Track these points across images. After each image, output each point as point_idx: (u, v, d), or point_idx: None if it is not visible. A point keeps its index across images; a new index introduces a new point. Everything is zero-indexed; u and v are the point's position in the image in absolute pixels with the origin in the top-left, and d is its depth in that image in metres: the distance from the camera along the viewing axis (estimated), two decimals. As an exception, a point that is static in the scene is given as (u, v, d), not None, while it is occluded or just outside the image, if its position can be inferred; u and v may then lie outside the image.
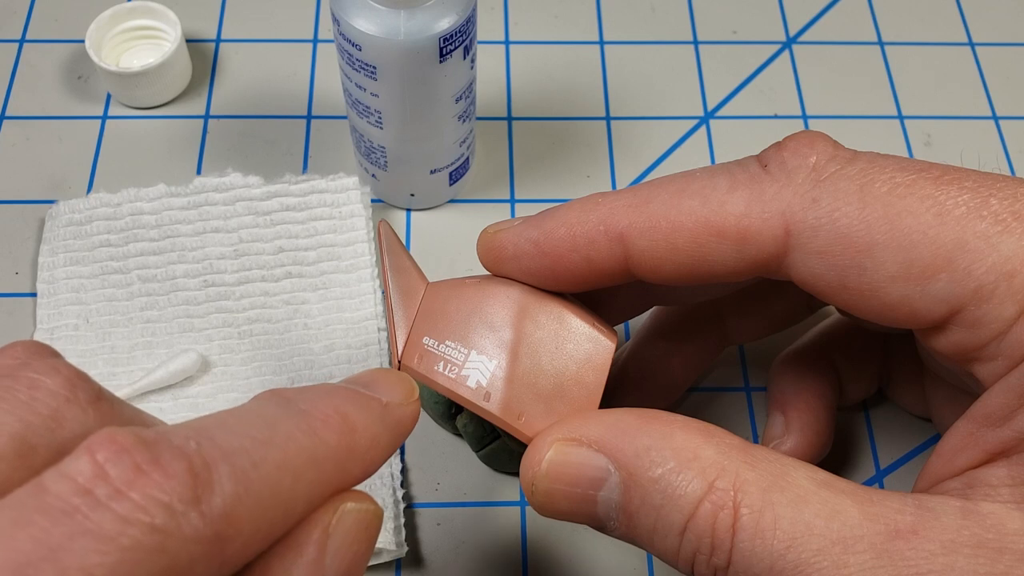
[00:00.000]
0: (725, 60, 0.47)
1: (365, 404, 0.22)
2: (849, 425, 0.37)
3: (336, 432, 0.20)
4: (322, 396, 0.21)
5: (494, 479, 0.36)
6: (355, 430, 0.21)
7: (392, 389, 0.23)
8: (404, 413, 0.23)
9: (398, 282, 0.28)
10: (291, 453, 0.19)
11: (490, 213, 0.42)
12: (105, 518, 0.16)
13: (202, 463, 0.17)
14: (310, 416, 0.20)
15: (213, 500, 0.17)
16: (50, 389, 0.19)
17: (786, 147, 0.26)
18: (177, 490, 0.17)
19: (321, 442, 0.20)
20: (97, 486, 0.16)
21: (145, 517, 0.16)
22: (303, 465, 0.19)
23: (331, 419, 0.20)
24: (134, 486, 0.16)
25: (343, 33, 0.34)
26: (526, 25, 0.48)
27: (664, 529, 0.23)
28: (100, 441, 0.17)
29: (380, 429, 0.21)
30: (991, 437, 0.24)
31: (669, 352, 0.35)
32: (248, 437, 0.19)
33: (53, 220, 0.39)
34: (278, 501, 0.19)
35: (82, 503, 0.16)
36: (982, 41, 0.48)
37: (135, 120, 0.44)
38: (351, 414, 0.21)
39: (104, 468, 0.17)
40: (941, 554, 0.22)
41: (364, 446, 0.21)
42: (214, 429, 0.18)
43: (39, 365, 0.19)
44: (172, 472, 0.17)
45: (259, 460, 0.18)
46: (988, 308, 0.23)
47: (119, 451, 0.17)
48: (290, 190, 0.40)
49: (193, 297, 0.38)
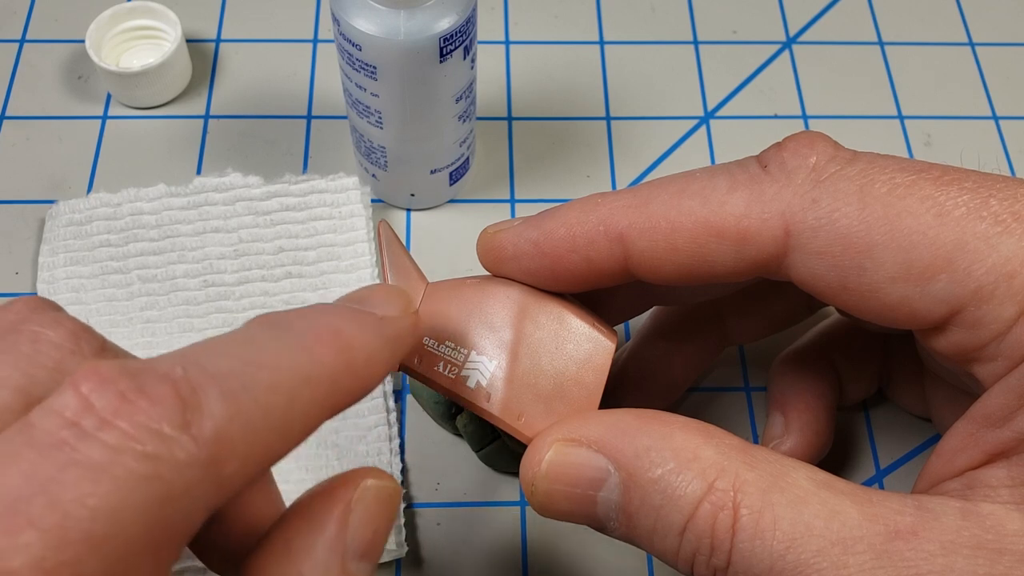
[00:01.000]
0: (725, 60, 0.47)
1: (360, 319, 0.21)
2: (849, 425, 0.37)
3: (330, 349, 0.20)
4: (315, 315, 0.21)
5: (494, 479, 0.36)
6: (351, 346, 0.20)
7: (387, 303, 0.22)
8: (401, 326, 0.22)
9: (398, 282, 0.28)
10: (283, 372, 0.19)
11: (490, 213, 0.42)
12: (94, 448, 0.16)
13: (189, 387, 0.17)
14: (302, 334, 0.20)
15: (204, 422, 0.17)
16: (53, 341, 0.19)
17: (786, 147, 0.26)
18: (165, 415, 0.17)
19: (315, 360, 0.19)
20: (83, 418, 0.16)
21: (135, 444, 0.16)
22: (297, 384, 0.19)
23: (324, 335, 0.20)
24: (120, 414, 0.16)
25: (343, 33, 0.34)
26: (526, 25, 0.48)
27: (664, 529, 0.23)
28: (84, 374, 0.17)
29: (378, 343, 0.21)
30: (991, 438, 0.24)
31: (669, 352, 0.35)
32: (237, 359, 0.18)
33: (53, 220, 0.39)
34: (272, 421, 0.18)
35: (69, 435, 0.16)
36: (982, 41, 0.48)
37: (135, 120, 0.44)
38: (345, 329, 0.20)
39: (89, 399, 0.16)
40: (940, 555, 0.22)
41: (361, 362, 0.20)
42: (201, 354, 0.18)
43: (41, 318, 0.19)
44: (158, 398, 0.17)
45: (249, 381, 0.18)
46: (988, 309, 0.23)
47: (103, 381, 0.17)
48: (290, 190, 0.40)
49: (193, 297, 0.38)
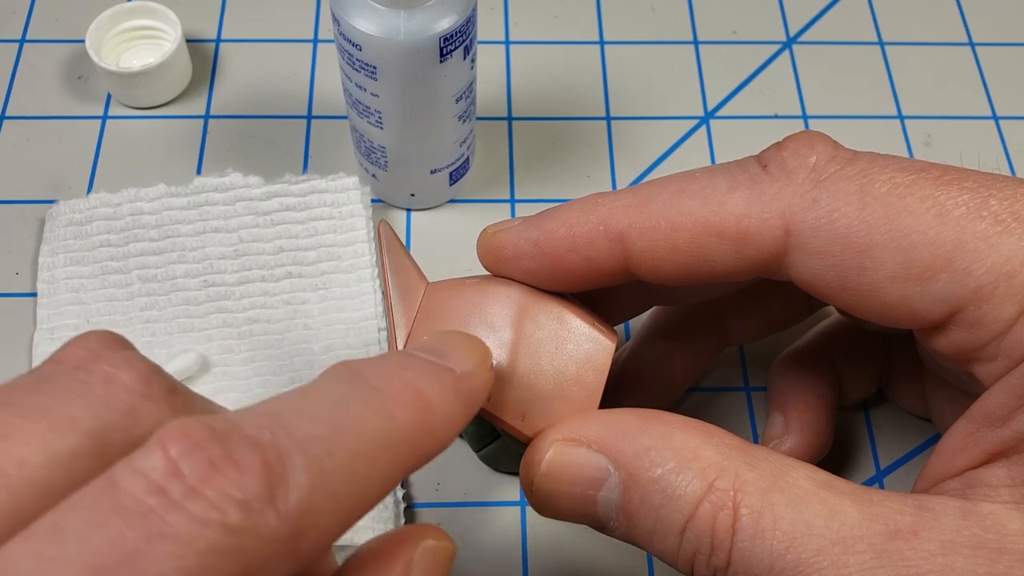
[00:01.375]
0: (725, 60, 0.47)
1: (439, 376, 0.21)
2: (849, 425, 0.37)
3: (410, 410, 0.19)
4: (395, 369, 0.20)
5: (494, 479, 0.36)
6: (430, 407, 0.20)
7: (466, 357, 0.22)
8: (477, 383, 0.22)
9: (398, 282, 0.28)
10: (365, 437, 0.18)
11: (490, 213, 0.42)
12: (180, 519, 0.15)
13: (276, 455, 0.17)
14: (382, 394, 0.19)
15: (289, 495, 0.16)
16: (126, 384, 0.18)
17: (786, 147, 0.26)
18: (252, 486, 0.16)
19: (395, 423, 0.19)
20: (171, 484, 0.16)
21: (221, 517, 0.16)
22: (377, 449, 0.18)
23: (404, 396, 0.19)
24: (208, 483, 0.16)
25: (343, 33, 0.34)
26: (526, 25, 0.48)
27: (664, 529, 0.23)
28: (172, 435, 0.16)
29: (454, 402, 0.20)
30: (991, 437, 0.24)
31: (669, 352, 0.35)
32: (321, 422, 0.18)
33: (53, 220, 0.39)
34: (354, 489, 0.18)
35: (156, 503, 0.16)
36: (982, 41, 0.48)
37: (135, 120, 0.44)
38: (425, 389, 0.20)
39: (177, 464, 0.16)
40: (940, 554, 0.22)
41: (439, 422, 0.20)
42: (286, 414, 0.18)
43: (113, 358, 0.19)
44: (246, 467, 0.16)
45: (333, 448, 0.18)
46: (988, 308, 0.23)
47: (192, 445, 0.16)
48: (290, 190, 0.40)
49: (193, 297, 0.38)
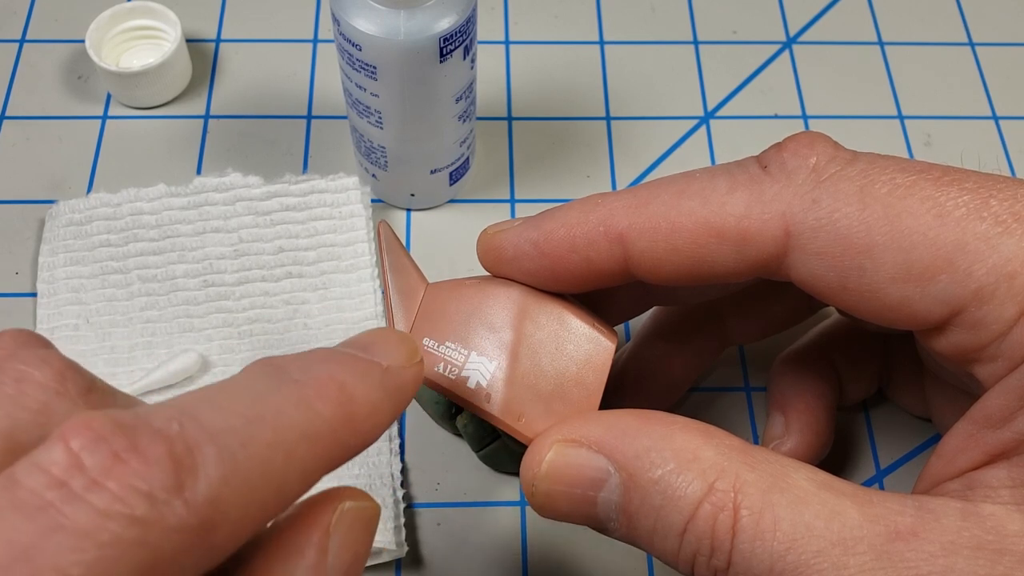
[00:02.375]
0: (725, 60, 0.47)
1: (364, 369, 0.20)
2: (849, 425, 0.37)
3: (332, 403, 0.19)
4: (317, 363, 0.20)
5: (494, 479, 0.36)
6: (353, 399, 0.19)
7: (393, 350, 0.21)
8: (406, 377, 0.21)
9: (398, 283, 0.28)
10: (283, 429, 0.18)
11: (490, 213, 0.42)
12: (81, 512, 0.15)
13: (184, 447, 0.16)
14: (303, 386, 0.19)
15: (197, 486, 0.16)
16: (39, 382, 0.18)
17: (786, 148, 0.26)
18: (158, 477, 0.16)
19: (316, 415, 0.19)
20: (72, 477, 0.15)
21: (124, 509, 0.15)
22: (296, 441, 0.18)
23: (326, 388, 0.19)
24: (111, 475, 0.16)
25: (343, 33, 0.34)
26: (526, 25, 0.48)
27: (664, 530, 0.23)
28: (74, 427, 0.16)
29: (380, 395, 0.20)
30: (991, 438, 0.24)
31: (669, 353, 0.35)
32: (235, 414, 0.17)
33: (53, 220, 0.39)
34: (269, 481, 0.17)
35: (56, 497, 0.15)
36: (982, 41, 0.48)
37: (135, 120, 0.44)
38: (348, 382, 0.20)
39: (79, 457, 0.16)
40: (941, 555, 0.22)
41: (363, 415, 0.20)
42: (199, 406, 0.17)
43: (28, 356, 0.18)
44: (152, 458, 0.16)
45: (247, 439, 0.17)
46: (988, 309, 0.23)
47: (95, 438, 0.16)
48: (290, 190, 0.40)
49: (193, 297, 0.38)
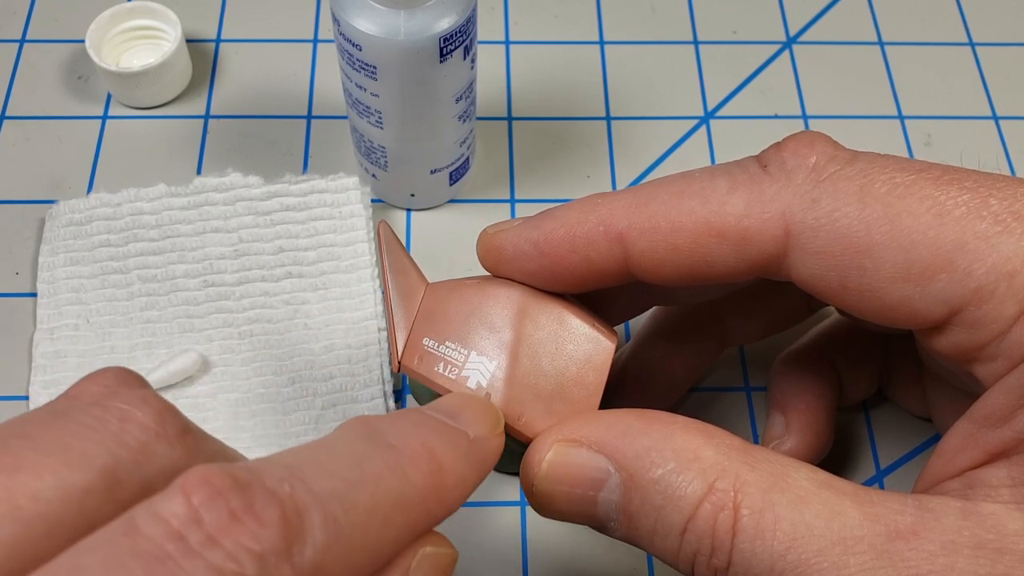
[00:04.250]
0: (725, 60, 0.47)
1: (452, 439, 0.21)
2: (849, 425, 0.37)
3: (424, 472, 0.20)
4: (410, 428, 0.21)
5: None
6: (442, 469, 0.20)
7: (478, 421, 0.22)
8: (489, 448, 0.22)
9: (398, 283, 0.28)
10: (380, 496, 0.19)
11: (490, 213, 0.42)
12: (198, 567, 0.16)
13: (294, 510, 0.17)
14: (398, 452, 0.20)
15: (305, 551, 0.17)
16: (140, 422, 0.18)
17: (786, 147, 0.26)
18: (270, 540, 0.16)
19: (409, 483, 0.19)
20: (191, 531, 0.16)
21: (237, 568, 0.16)
22: (391, 508, 0.19)
23: (419, 456, 0.20)
24: (228, 534, 0.16)
25: (343, 33, 0.34)
26: (526, 25, 0.48)
27: (664, 530, 0.23)
28: (194, 482, 0.16)
29: (466, 467, 0.21)
30: (991, 437, 0.24)
31: (669, 353, 0.35)
32: (339, 478, 0.18)
33: (53, 220, 0.39)
34: (366, 547, 0.18)
35: (175, 550, 0.16)
36: (982, 41, 0.48)
37: (135, 120, 0.44)
38: (438, 451, 0.20)
39: (198, 512, 0.16)
40: (941, 555, 0.22)
41: (450, 486, 0.20)
42: (306, 468, 0.18)
43: (129, 395, 0.19)
44: (266, 520, 0.16)
45: (350, 506, 0.18)
46: (988, 308, 0.23)
47: (213, 494, 0.16)
48: (290, 190, 0.40)
49: (193, 297, 0.38)
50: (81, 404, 0.19)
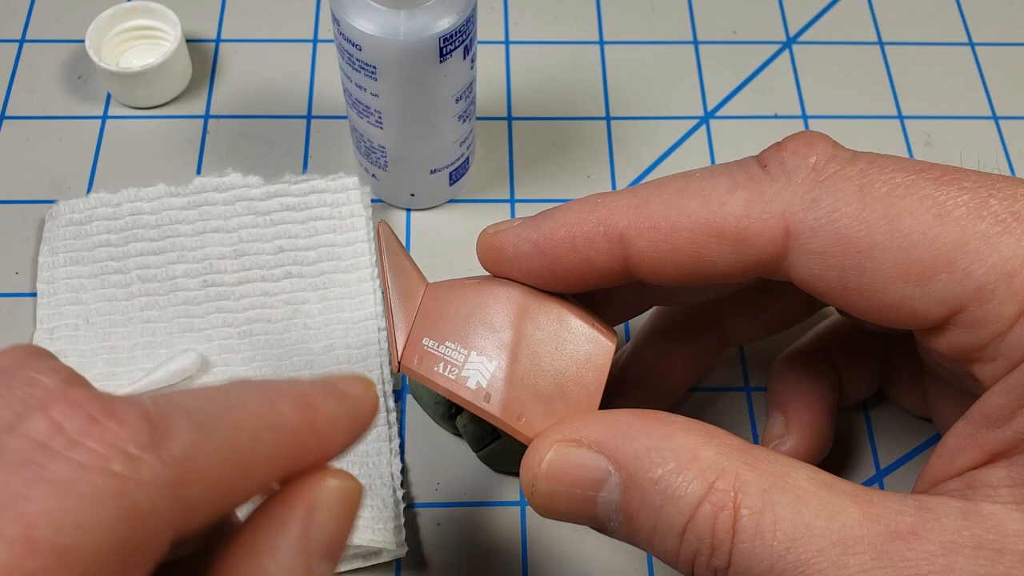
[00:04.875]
0: (725, 60, 0.47)
1: (323, 387, 0.22)
2: (849, 425, 0.37)
3: (293, 406, 0.21)
4: (284, 382, 0.22)
5: (494, 479, 0.36)
6: (313, 407, 0.21)
7: (351, 382, 0.23)
8: (362, 405, 0.23)
9: (397, 283, 0.28)
10: (249, 416, 0.20)
11: (490, 213, 0.42)
12: (61, 465, 0.16)
13: (159, 414, 0.18)
14: (268, 389, 0.21)
15: (171, 445, 0.17)
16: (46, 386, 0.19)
17: (786, 147, 0.26)
18: (133, 436, 0.17)
19: (279, 412, 0.20)
20: (53, 439, 0.17)
21: (102, 462, 0.16)
22: (261, 428, 0.20)
23: (288, 394, 0.21)
24: (89, 435, 0.17)
25: (343, 33, 0.34)
26: (526, 25, 0.48)
27: (664, 530, 0.23)
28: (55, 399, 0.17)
29: (338, 411, 0.22)
30: (991, 438, 0.24)
31: (669, 353, 0.35)
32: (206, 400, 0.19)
33: (53, 220, 0.39)
34: (237, 455, 0.19)
35: (38, 454, 0.16)
36: (982, 41, 0.48)
37: (135, 120, 0.44)
38: (309, 393, 0.21)
39: (59, 422, 0.17)
40: (941, 555, 0.22)
41: (323, 423, 0.21)
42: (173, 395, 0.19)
43: (37, 364, 0.20)
44: (127, 420, 0.17)
45: (217, 416, 0.19)
46: (988, 309, 0.23)
47: (73, 405, 0.17)
48: (290, 190, 0.40)
49: (193, 297, 0.38)
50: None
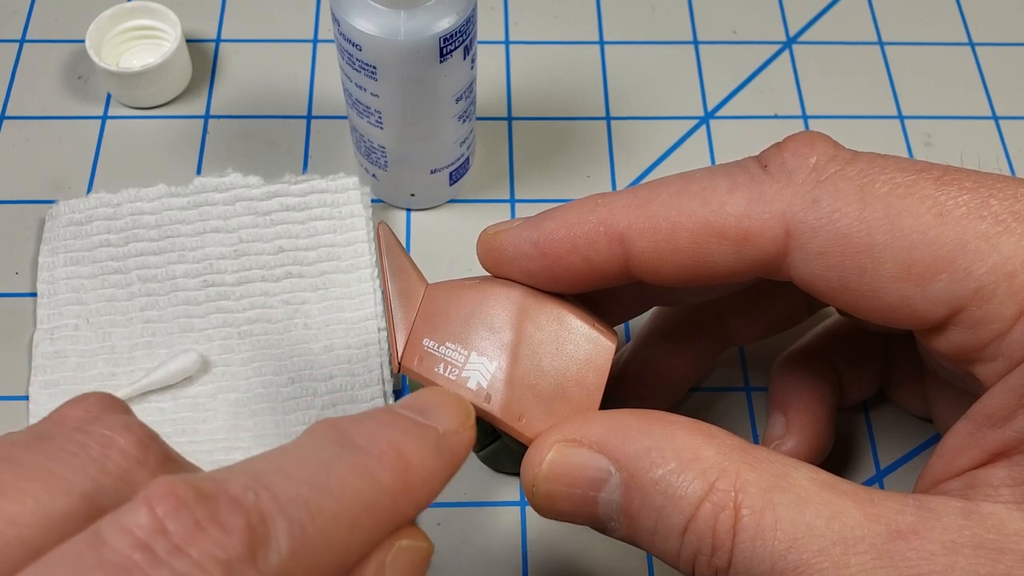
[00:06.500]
0: (725, 60, 0.47)
1: (421, 435, 0.21)
2: (849, 425, 0.37)
3: (391, 471, 0.20)
4: (377, 428, 0.21)
5: (494, 479, 0.36)
6: (410, 467, 0.20)
7: (448, 416, 0.22)
8: (459, 442, 0.22)
9: (397, 284, 0.28)
10: (347, 500, 0.19)
11: (490, 213, 0.42)
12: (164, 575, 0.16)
13: (259, 518, 0.17)
14: (365, 454, 0.20)
15: (270, 557, 0.17)
16: (122, 449, 0.19)
17: (786, 147, 0.26)
18: (235, 547, 0.17)
19: (377, 484, 0.19)
20: (156, 541, 0.16)
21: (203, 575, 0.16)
22: (359, 512, 0.19)
23: (386, 456, 0.20)
24: (193, 542, 0.16)
25: (343, 33, 0.34)
26: (526, 25, 0.48)
27: (665, 530, 0.23)
28: (159, 493, 0.17)
29: (435, 463, 0.21)
30: (991, 437, 0.24)
31: (670, 353, 0.35)
32: (305, 484, 0.18)
33: (53, 220, 0.39)
34: (333, 552, 0.18)
35: (142, 559, 0.16)
36: (982, 41, 0.48)
37: (135, 120, 0.44)
38: (407, 449, 0.20)
39: (163, 522, 0.16)
40: (942, 554, 0.22)
41: (419, 483, 0.20)
42: (270, 475, 0.18)
43: (112, 421, 0.19)
44: (230, 528, 0.17)
45: (316, 511, 0.18)
46: (988, 308, 0.23)
47: (178, 504, 0.16)
48: (290, 190, 0.40)
49: (193, 297, 0.38)
50: (64, 429, 0.19)
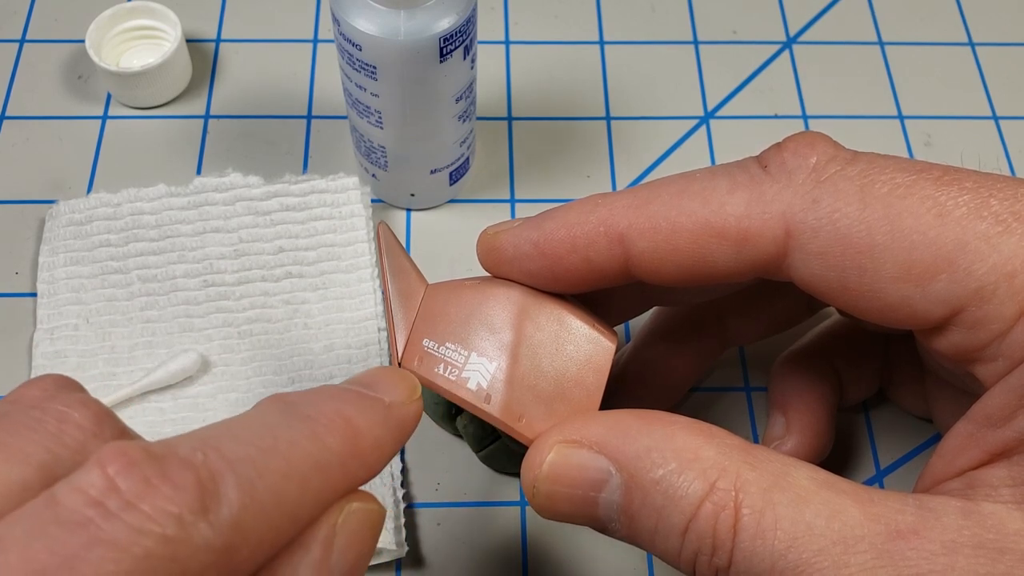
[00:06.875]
0: (725, 60, 0.47)
1: (368, 406, 0.22)
2: (849, 425, 0.37)
3: (340, 436, 0.20)
4: (325, 400, 0.21)
5: (494, 479, 0.36)
6: (359, 433, 0.21)
7: (394, 388, 0.23)
8: (406, 412, 0.23)
9: (397, 284, 0.28)
10: (295, 460, 0.19)
11: (490, 213, 0.42)
12: (118, 528, 0.16)
13: (208, 474, 0.18)
14: (313, 421, 0.20)
15: (221, 510, 0.18)
16: (78, 423, 0.19)
17: (786, 148, 0.26)
18: (186, 501, 0.17)
19: (325, 447, 0.20)
20: (108, 498, 0.17)
21: (156, 527, 0.17)
22: (308, 471, 0.19)
23: (334, 423, 0.21)
24: (144, 498, 0.17)
25: (343, 33, 0.34)
26: (526, 25, 0.48)
27: (666, 530, 0.23)
28: (110, 454, 0.17)
29: (383, 431, 0.22)
30: (991, 438, 0.24)
31: (670, 353, 0.35)
32: (253, 446, 0.19)
33: (53, 220, 0.39)
34: (284, 508, 0.19)
35: (95, 514, 0.16)
36: (982, 41, 0.48)
37: (135, 120, 0.44)
38: (354, 417, 0.21)
39: (115, 481, 0.17)
40: (942, 554, 0.22)
41: (368, 449, 0.21)
42: (219, 439, 0.19)
43: (67, 398, 0.20)
44: (180, 483, 0.17)
45: (264, 469, 0.19)
46: (989, 309, 0.23)
47: (129, 464, 0.17)
48: (290, 190, 0.40)
49: (193, 297, 0.38)
50: (21, 407, 0.19)
